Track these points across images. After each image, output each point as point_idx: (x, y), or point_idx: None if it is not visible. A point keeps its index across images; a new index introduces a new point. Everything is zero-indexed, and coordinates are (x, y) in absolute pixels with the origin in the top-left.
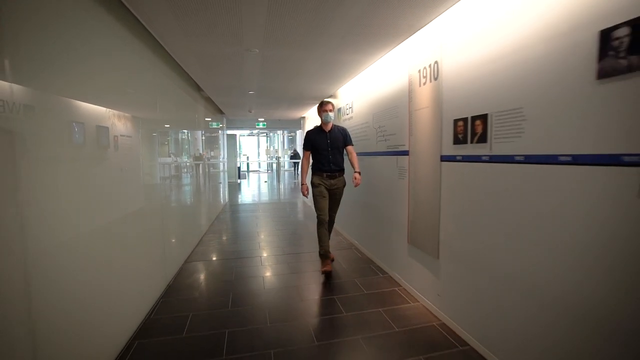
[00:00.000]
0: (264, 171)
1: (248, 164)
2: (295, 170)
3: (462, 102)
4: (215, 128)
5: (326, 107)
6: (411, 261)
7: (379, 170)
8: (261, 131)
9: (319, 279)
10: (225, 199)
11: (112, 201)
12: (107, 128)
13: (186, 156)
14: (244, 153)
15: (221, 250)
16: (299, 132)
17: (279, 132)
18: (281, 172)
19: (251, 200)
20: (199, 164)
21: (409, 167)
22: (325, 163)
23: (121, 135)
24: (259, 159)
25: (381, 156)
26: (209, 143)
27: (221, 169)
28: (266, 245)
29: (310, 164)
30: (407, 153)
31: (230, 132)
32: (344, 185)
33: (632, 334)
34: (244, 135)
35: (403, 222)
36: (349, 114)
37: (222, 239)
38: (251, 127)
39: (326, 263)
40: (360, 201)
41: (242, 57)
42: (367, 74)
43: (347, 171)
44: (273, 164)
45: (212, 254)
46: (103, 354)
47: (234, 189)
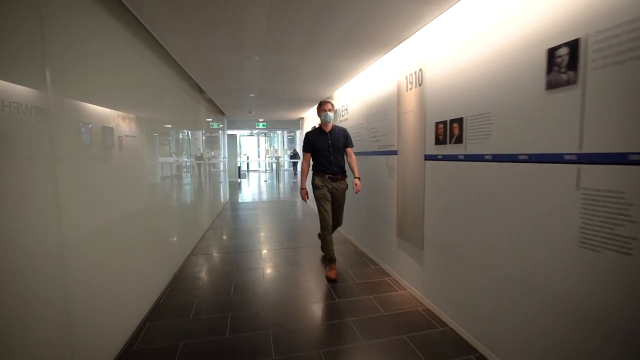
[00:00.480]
0: (264, 171)
1: (248, 163)
2: (294, 170)
3: (442, 106)
4: (216, 128)
5: (325, 106)
6: (399, 253)
7: (371, 169)
8: (261, 131)
9: (316, 270)
10: (226, 198)
11: (128, 199)
12: (112, 129)
13: (188, 156)
14: (244, 153)
15: (223, 244)
16: (298, 132)
17: (278, 132)
18: (281, 172)
19: (251, 199)
20: (200, 163)
21: (398, 165)
22: (327, 165)
23: (125, 135)
24: (259, 159)
25: (373, 156)
26: (210, 143)
27: (222, 169)
28: (266, 241)
29: (310, 167)
30: (396, 152)
31: (231, 132)
32: (346, 188)
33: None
34: (244, 135)
35: (393, 217)
36: (344, 116)
37: (223, 234)
38: (251, 128)
39: (331, 268)
40: (355, 199)
41: (243, 63)
42: (361, 78)
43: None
44: (273, 164)
45: (215, 248)
46: (121, 331)
47: (234, 188)
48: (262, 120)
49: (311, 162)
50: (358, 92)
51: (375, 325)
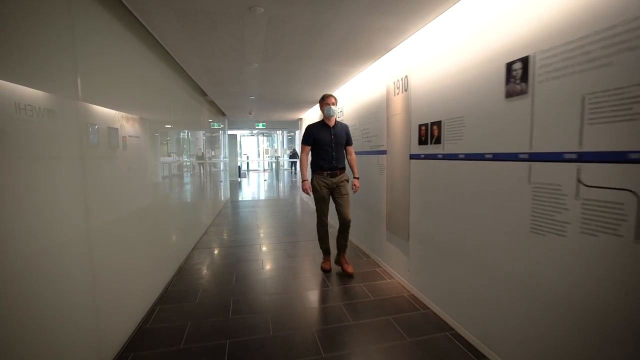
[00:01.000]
0: (263, 170)
1: (248, 163)
2: (292, 169)
3: (425, 110)
4: (217, 129)
5: (329, 100)
6: (389, 245)
7: (364, 168)
8: (261, 131)
9: (312, 262)
10: (227, 196)
11: (136, 196)
12: (116, 129)
13: (190, 156)
14: (244, 152)
15: (224, 239)
16: (297, 132)
17: (278, 132)
18: (280, 171)
19: (251, 198)
20: (202, 163)
21: (387, 164)
22: (327, 159)
23: (129, 135)
24: (259, 159)
25: (366, 155)
26: (211, 143)
27: (222, 168)
28: (265, 236)
29: (309, 161)
30: (385, 152)
31: (231, 132)
32: (348, 180)
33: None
34: (244, 135)
35: (383, 212)
36: (340, 117)
37: (224, 230)
38: (251, 128)
39: (326, 260)
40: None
41: (243, 69)
42: (355, 82)
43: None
44: (272, 163)
45: (217, 242)
46: (136, 312)
47: (235, 187)
48: (262, 120)
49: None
50: (352, 95)
51: (364, 308)
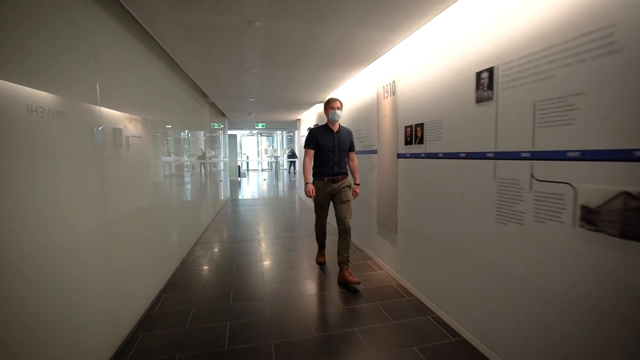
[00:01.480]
0: (261, 170)
1: (248, 163)
2: (291, 169)
3: (410, 113)
4: (217, 129)
5: (334, 104)
6: (379, 238)
7: (359, 167)
8: (261, 131)
9: (308, 255)
10: (227, 195)
11: (142, 193)
12: (120, 130)
13: (192, 156)
14: (244, 152)
15: (225, 235)
16: (296, 132)
17: (278, 132)
18: (280, 171)
19: (251, 197)
20: (203, 163)
21: (377, 163)
22: (329, 165)
23: (132, 136)
24: (258, 159)
25: (359, 154)
26: (212, 143)
27: (223, 168)
28: (263, 232)
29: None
30: (376, 152)
31: (231, 132)
32: (349, 186)
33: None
34: (244, 134)
35: (374, 208)
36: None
37: (225, 227)
38: (251, 128)
39: (320, 253)
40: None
41: (243, 74)
42: (348, 85)
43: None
44: (272, 163)
45: (217, 238)
46: (144, 299)
47: (235, 186)
48: (262, 121)
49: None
50: (346, 97)
51: (354, 296)
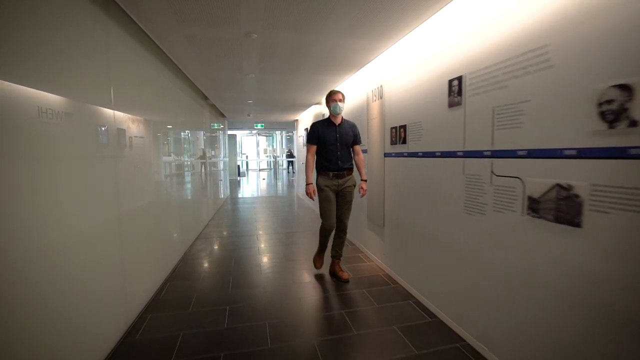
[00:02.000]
0: (259, 170)
1: (247, 162)
2: (289, 168)
3: (395, 115)
4: (217, 129)
5: (335, 96)
6: (369, 232)
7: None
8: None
9: (304, 249)
10: (227, 194)
11: (146, 191)
12: (124, 130)
13: (193, 156)
14: (243, 152)
15: (224, 230)
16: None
17: (277, 132)
18: (279, 171)
19: (250, 195)
20: (204, 162)
21: (367, 161)
22: (332, 160)
23: (135, 136)
24: (258, 158)
25: None
26: (212, 143)
27: (223, 167)
28: (262, 227)
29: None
30: (366, 151)
31: (231, 132)
32: (354, 185)
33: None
34: (244, 134)
35: (365, 204)
36: None
37: (224, 223)
38: (250, 128)
39: (319, 259)
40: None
41: (242, 79)
42: (342, 88)
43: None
44: (271, 163)
45: (217, 233)
46: (151, 286)
47: (234, 185)
48: (260, 121)
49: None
50: None
51: (344, 284)
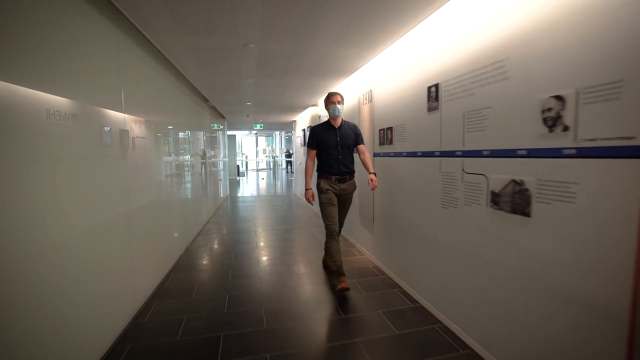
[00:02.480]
0: (262, 169)
1: (247, 162)
2: (288, 168)
3: (383, 117)
4: (217, 130)
5: (334, 98)
6: (360, 228)
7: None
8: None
9: (300, 244)
10: (227, 193)
11: (150, 190)
12: (127, 131)
13: (194, 155)
14: (243, 152)
15: (224, 227)
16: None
17: (276, 133)
18: (278, 170)
19: (249, 194)
20: (204, 162)
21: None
22: (334, 164)
23: (137, 136)
24: (257, 158)
25: None
26: (212, 144)
27: (222, 167)
28: (260, 224)
29: (315, 166)
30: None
31: (231, 132)
32: (354, 190)
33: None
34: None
35: (356, 201)
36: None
37: (224, 220)
38: (249, 128)
39: (342, 280)
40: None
41: (241, 83)
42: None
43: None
44: (270, 162)
45: (217, 230)
46: (156, 276)
47: (234, 184)
48: (259, 122)
49: (316, 161)
50: None
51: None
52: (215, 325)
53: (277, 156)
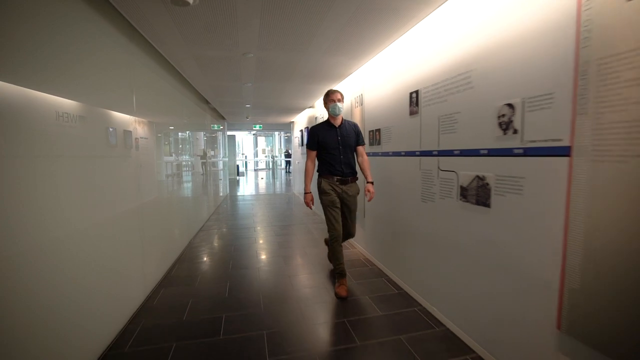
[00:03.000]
0: (261, 169)
1: (246, 162)
2: (287, 167)
3: (373, 120)
4: (217, 130)
5: (334, 96)
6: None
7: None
8: (259, 132)
9: (297, 240)
10: (226, 192)
11: (156, 187)
12: (130, 132)
13: (195, 155)
14: (242, 152)
15: (224, 223)
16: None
17: (275, 133)
18: (277, 170)
19: (249, 193)
20: (204, 162)
21: None
22: (336, 165)
23: (140, 137)
24: (256, 159)
25: None
26: (212, 144)
27: (222, 167)
28: (259, 221)
29: (315, 168)
30: None
31: (231, 133)
32: (358, 193)
33: None
34: (244, 135)
35: None
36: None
37: (224, 217)
38: (248, 129)
39: (340, 283)
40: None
41: (240, 87)
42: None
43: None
44: (269, 162)
45: (218, 226)
46: (163, 266)
47: (234, 184)
48: (259, 123)
49: (316, 163)
50: None
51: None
52: (217, 308)
53: (277, 156)
